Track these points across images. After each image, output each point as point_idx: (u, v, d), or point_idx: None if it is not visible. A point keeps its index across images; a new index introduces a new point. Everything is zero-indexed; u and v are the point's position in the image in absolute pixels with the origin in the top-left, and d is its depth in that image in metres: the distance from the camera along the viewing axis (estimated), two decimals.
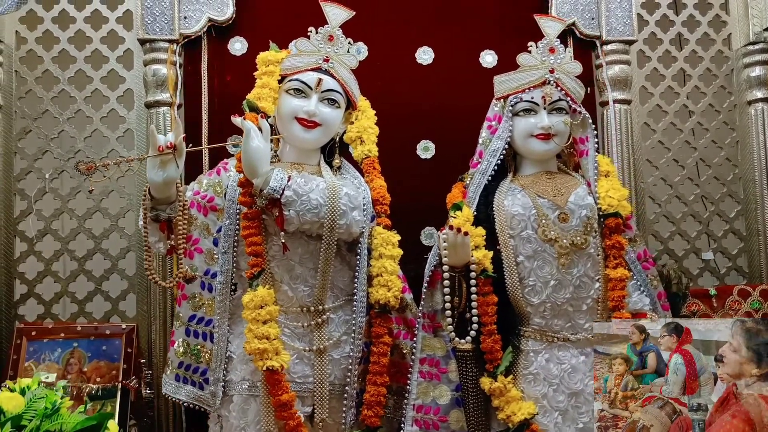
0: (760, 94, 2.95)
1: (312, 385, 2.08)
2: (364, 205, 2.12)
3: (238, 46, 2.73)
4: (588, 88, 2.78)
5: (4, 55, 2.63)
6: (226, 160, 2.25)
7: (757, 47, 2.96)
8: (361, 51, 2.72)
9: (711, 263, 2.97)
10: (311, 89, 2.13)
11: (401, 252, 2.15)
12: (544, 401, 2.14)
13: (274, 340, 1.98)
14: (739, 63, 3.00)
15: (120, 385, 2.32)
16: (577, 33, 2.83)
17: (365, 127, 2.25)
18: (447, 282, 2.10)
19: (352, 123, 2.26)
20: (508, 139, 2.26)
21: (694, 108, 3.00)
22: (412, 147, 2.79)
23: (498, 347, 2.12)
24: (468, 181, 2.32)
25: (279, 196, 1.96)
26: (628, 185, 2.79)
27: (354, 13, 2.22)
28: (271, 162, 2.06)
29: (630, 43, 2.87)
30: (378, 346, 2.09)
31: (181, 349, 2.13)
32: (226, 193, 2.14)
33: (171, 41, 2.63)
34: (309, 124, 2.12)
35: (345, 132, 2.27)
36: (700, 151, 2.99)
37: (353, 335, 2.11)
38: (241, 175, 2.01)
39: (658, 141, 2.96)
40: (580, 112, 2.28)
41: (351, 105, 2.24)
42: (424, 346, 2.17)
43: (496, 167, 2.26)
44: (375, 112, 2.31)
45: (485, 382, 2.12)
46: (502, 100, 2.29)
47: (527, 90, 2.23)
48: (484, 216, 2.22)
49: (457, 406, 2.14)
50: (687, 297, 2.58)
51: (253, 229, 2.03)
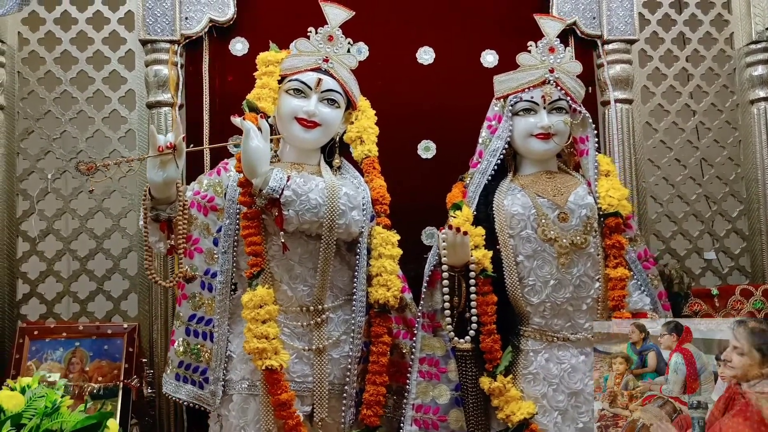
0: (762, 93, 2.93)
1: (311, 385, 2.09)
2: (363, 204, 2.12)
3: (239, 47, 2.73)
4: (589, 88, 2.78)
5: (6, 56, 2.64)
6: (226, 160, 2.25)
7: (759, 46, 2.94)
8: (362, 51, 2.72)
9: (713, 263, 2.96)
10: (311, 89, 2.14)
11: (401, 252, 2.15)
12: (544, 401, 2.13)
13: (274, 339, 1.99)
14: (741, 62, 2.99)
15: (121, 385, 2.33)
16: (578, 32, 2.82)
17: (365, 127, 2.25)
18: (446, 282, 2.10)
19: (352, 123, 2.26)
20: (508, 138, 2.25)
21: (696, 107, 2.98)
22: (413, 147, 2.78)
23: (497, 347, 2.12)
24: (468, 181, 2.32)
25: (278, 196, 1.96)
26: (630, 185, 2.78)
27: (354, 13, 2.22)
28: (271, 162, 2.07)
29: (631, 42, 2.86)
30: (377, 346, 2.09)
31: (181, 349, 2.13)
32: (226, 193, 2.15)
33: (172, 42, 2.64)
34: (309, 124, 2.13)
35: (345, 132, 2.27)
36: (703, 150, 2.98)
37: (352, 335, 2.11)
38: (241, 175, 2.01)
39: (659, 140, 2.95)
40: (580, 112, 2.27)
41: (351, 105, 2.24)
42: (423, 345, 2.17)
43: (496, 167, 2.25)
44: (376, 111, 2.31)
45: (485, 382, 2.11)
46: (502, 100, 2.29)
47: (527, 89, 2.23)
48: (484, 216, 2.22)
49: (457, 406, 2.14)
50: (689, 297, 2.57)
51: (253, 229, 2.04)
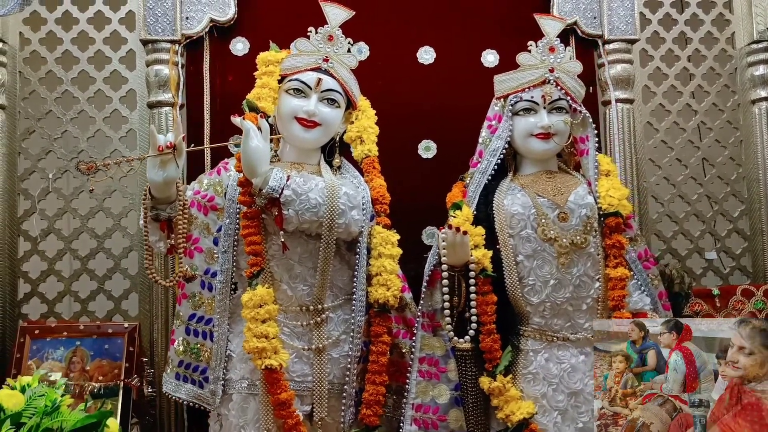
0: (764, 93, 2.92)
1: (311, 384, 2.09)
2: (363, 204, 2.12)
3: (239, 47, 2.73)
4: (590, 88, 2.78)
5: (7, 55, 2.64)
6: (226, 160, 2.26)
7: (760, 46, 2.93)
8: (362, 51, 2.72)
9: (714, 263, 2.95)
10: (311, 89, 2.14)
11: (400, 251, 2.15)
12: (544, 401, 2.13)
13: (273, 339, 1.99)
14: (742, 62, 2.98)
15: (122, 384, 2.33)
16: (579, 32, 2.82)
17: (365, 127, 2.25)
18: (446, 281, 2.11)
19: (352, 123, 2.26)
20: (508, 138, 2.25)
21: (698, 107, 2.97)
22: (414, 147, 2.78)
23: (497, 346, 2.12)
24: (468, 181, 2.31)
25: (278, 196, 1.96)
26: (631, 185, 2.77)
27: (354, 13, 2.22)
28: (271, 162, 2.08)
29: (632, 42, 2.85)
30: (377, 345, 2.09)
31: (181, 348, 2.14)
32: (226, 193, 2.15)
33: (173, 42, 2.64)
34: (309, 123, 2.13)
35: (345, 132, 2.27)
36: (704, 150, 2.97)
37: (352, 334, 2.11)
38: (241, 174, 2.02)
39: (660, 140, 2.94)
40: (580, 112, 2.27)
41: (351, 105, 2.24)
42: (423, 345, 2.17)
43: (496, 167, 2.25)
44: (376, 111, 2.31)
45: (484, 382, 2.11)
46: (502, 100, 2.29)
47: (527, 89, 2.23)
48: (484, 215, 2.22)
49: (456, 406, 2.14)
50: (690, 297, 2.56)
51: (253, 229, 2.04)
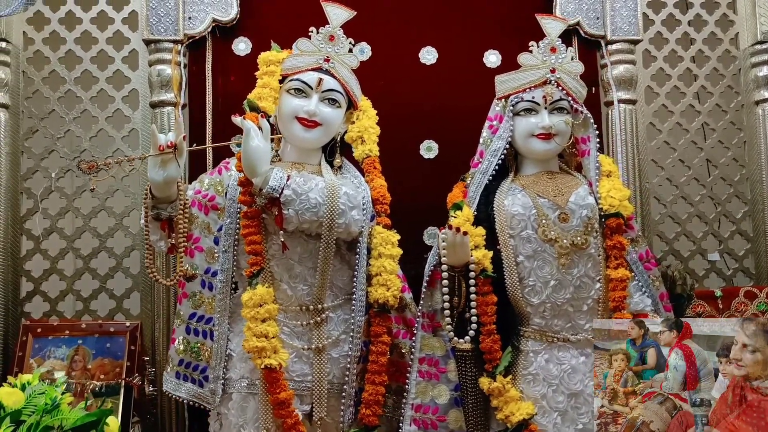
0: (767, 94, 2.91)
1: (310, 384, 2.09)
2: (363, 204, 2.12)
3: (242, 47, 2.73)
4: (593, 88, 2.78)
5: (11, 55, 2.65)
6: (227, 160, 2.26)
7: (764, 47, 2.91)
8: (364, 51, 2.72)
9: (717, 264, 2.94)
10: (312, 89, 2.14)
11: (401, 251, 2.15)
12: (544, 402, 2.13)
13: (273, 338, 1.99)
14: (746, 63, 2.96)
15: (123, 383, 2.34)
16: (581, 32, 2.81)
17: (366, 127, 2.25)
18: (446, 282, 2.10)
19: (354, 123, 2.26)
20: (509, 138, 2.25)
21: (701, 108, 2.96)
22: (415, 147, 2.78)
23: (497, 347, 2.12)
24: (469, 181, 2.31)
25: (278, 195, 1.97)
26: (633, 185, 2.77)
27: (355, 13, 2.22)
28: (272, 161, 2.08)
29: (635, 42, 2.84)
30: (377, 345, 2.09)
31: (182, 347, 2.14)
32: (227, 192, 2.15)
33: (175, 42, 2.65)
34: (309, 123, 2.13)
35: (346, 132, 2.27)
36: (707, 151, 2.96)
37: (352, 334, 2.11)
38: (242, 174, 2.02)
39: (663, 141, 2.93)
40: (581, 112, 2.26)
41: (352, 105, 2.25)
42: (423, 345, 2.17)
43: (497, 167, 2.25)
44: (378, 111, 2.31)
45: (484, 382, 2.11)
46: (503, 100, 2.28)
47: (528, 90, 2.23)
48: (485, 216, 2.22)
49: (456, 406, 2.14)
50: (692, 298, 2.55)
51: (253, 228, 2.04)
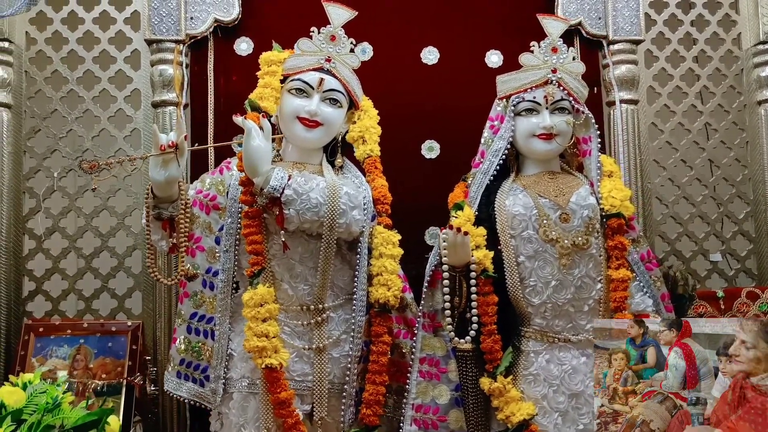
0: None
1: (311, 384, 2.09)
2: (364, 204, 2.12)
3: (243, 47, 2.74)
4: (595, 88, 2.78)
5: (14, 55, 2.66)
6: (228, 159, 2.27)
7: (767, 47, 2.91)
8: (366, 51, 2.72)
9: (719, 265, 2.93)
10: (313, 89, 2.14)
11: (401, 251, 2.15)
12: (544, 402, 2.13)
13: (274, 338, 1.99)
14: (749, 63, 2.96)
15: (125, 382, 2.35)
16: (583, 33, 2.81)
17: (367, 127, 2.25)
18: (447, 282, 2.10)
19: (355, 123, 2.26)
20: (510, 138, 2.25)
21: (703, 108, 2.95)
22: (417, 147, 2.78)
23: (498, 347, 2.11)
24: (470, 181, 2.31)
25: (279, 195, 1.97)
26: (635, 186, 2.76)
27: (356, 13, 2.23)
28: (273, 161, 2.08)
29: (637, 42, 2.84)
30: (377, 345, 2.09)
31: (183, 347, 2.15)
32: (228, 192, 2.16)
33: (177, 42, 2.66)
34: (311, 123, 2.13)
35: (347, 131, 2.27)
36: (709, 151, 2.95)
37: (353, 334, 2.11)
38: (243, 173, 2.02)
39: (665, 141, 2.92)
40: (582, 112, 2.26)
41: (353, 105, 2.25)
42: (424, 345, 2.17)
43: (498, 167, 2.25)
44: (379, 111, 2.31)
45: (485, 383, 2.11)
46: (505, 100, 2.28)
47: (529, 90, 2.22)
48: (486, 216, 2.22)
49: (457, 406, 2.14)
50: (693, 299, 2.55)
51: (254, 228, 2.04)
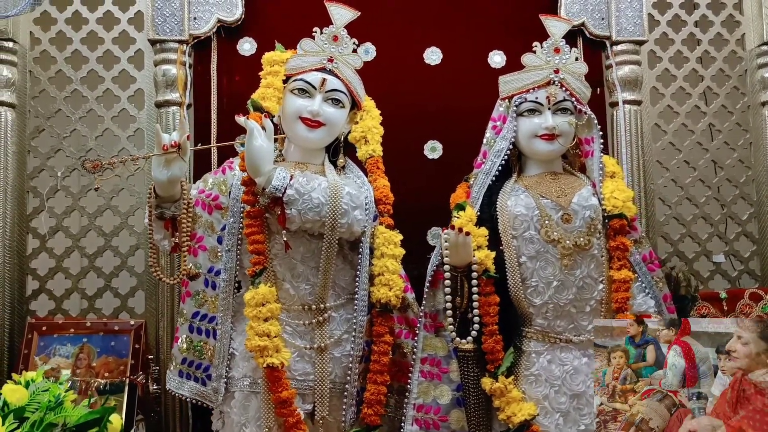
0: None
1: (313, 383, 2.09)
2: (366, 204, 2.12)
3: (247, 47, 2.75)
4: (598, 89, 2.78)
5: (18, 55, 2.67)
6: (231, 159, 2.27)
7: None
8: (369, 51, 2.73)
9: (722, 266, 2.92)
10: (315, 89, 2.15)
11: (403, 251, 2.15)
12: (546, 402, 2.12)
13: (275, 337, 2.00)
14: (752, 63, 2.95)
15: (127, 381, 2.36)
16: (586, 33, 2.81)
17: (370, 127, 2.25)
18: (449, 282, 2.10)
19: (357, 123, 2.27)
20: (513, 139, 2.24)
21: (707, 109, 2.95)
22: (420, 147, 2.79)
23: (499, 348, 2.11)
24: (472, 182, 2.31)
25: (281, 195, 1.98)
26: (638, 186, 2.76)
27: (359, 13, 2.23)
28: (275, 161, 2.09)
29: (640, 43, 2.84)
30: (379, 345, 2.09)
31: (185, 346, 2.15)
32: (230, 192, 2.16)
33: (181, 42, 2.67)
34: (313, 123, 2.14)
35: (350, 132, 2.27)
36: (712, 152, 2.95)
37: (354, 334, 2.11)
38: (245, 173, 2.03)
39: (668, 142, 2.92)
40: (585, 113, 2.25)
41: (356, 105, 2.25)
42: (425, 345, 2.17)
43: (500, 167, 2.24)
44: (382, 112, 2.31)
45: (486, 383, 2.11)
46: (507, 101, 2.28)
47: (531, 90, 2.22)
48: (488, 216, 2.21)
49: (458, 406, 2.14)
50: (696, 300, 2.55)
51: (256, 228, 2.05)
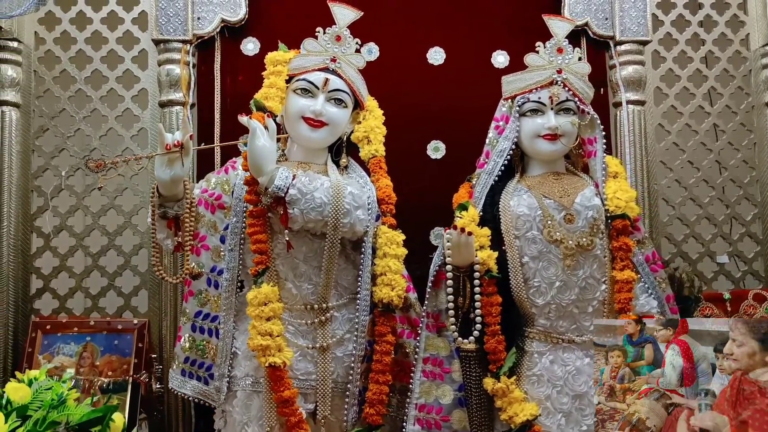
0: None
1: (315, 383, 2.10)
2: (368, 204, 2.12)
3: (250, 47, 2.75)
4: (602, 89, 2.78)
5: (23, 55, 2.68)
6: (234, 159, 2.27)
7: None
8: (372, 51, 2.73)
9: (726, 267, 2.91)
10: (318, 89, 2.15)
11: (405, 251, 2.15)
12: (548, 403, 2.12)
13: (277, 336, 2.00)
14: (757, 64, 2.94)
15: (131, 380, 2.36)
16: (590, 33, 2.81)
17: (372, 127, 2.25)
18: (451, 282, 2.10)
19: (360, 123, 2.27)
20: (515, 139, 2.25)
21: (711, 109, 2.94)
22: (423, 147, 2.79)
23: (502, 348, 2.11)
24: (475, 182, 2.31)
25: (283, 195, 1.98)
26: (641, 187, 2.76)
27: (362, 13, 2.23)
28: (278, 161, 2.09)
29: (644, 43, 2.83)
30: (381, 345, 2.09)
31: (187, 345, 2.16)
32: (233, 191, 2.16)
33: (184, 42, 2.68)
34: (316, 123, 2.14)
35: (352, 131, 2.28)
36: (716, 153, 2.94)
37: (356, 333, 2.11)
38: (248, 173, 2.03)
39: (672, 142, 2.91)
40: (588, 113, 2.25)
41: (358, 105, 2.25)
42: (427, 345, 2.17)
43: (503, 167, 2.24)
44: (385, 112, 2.31)
45: (488, 383, 2.10)
46: (510, 101, 2.28)
47: (534, 90, 2.22)
48: (490, 216, 2.21)
49: (460, 406, 2.14)
50: (699, 300, 2.54)
51: (259, 227, 2.05)
